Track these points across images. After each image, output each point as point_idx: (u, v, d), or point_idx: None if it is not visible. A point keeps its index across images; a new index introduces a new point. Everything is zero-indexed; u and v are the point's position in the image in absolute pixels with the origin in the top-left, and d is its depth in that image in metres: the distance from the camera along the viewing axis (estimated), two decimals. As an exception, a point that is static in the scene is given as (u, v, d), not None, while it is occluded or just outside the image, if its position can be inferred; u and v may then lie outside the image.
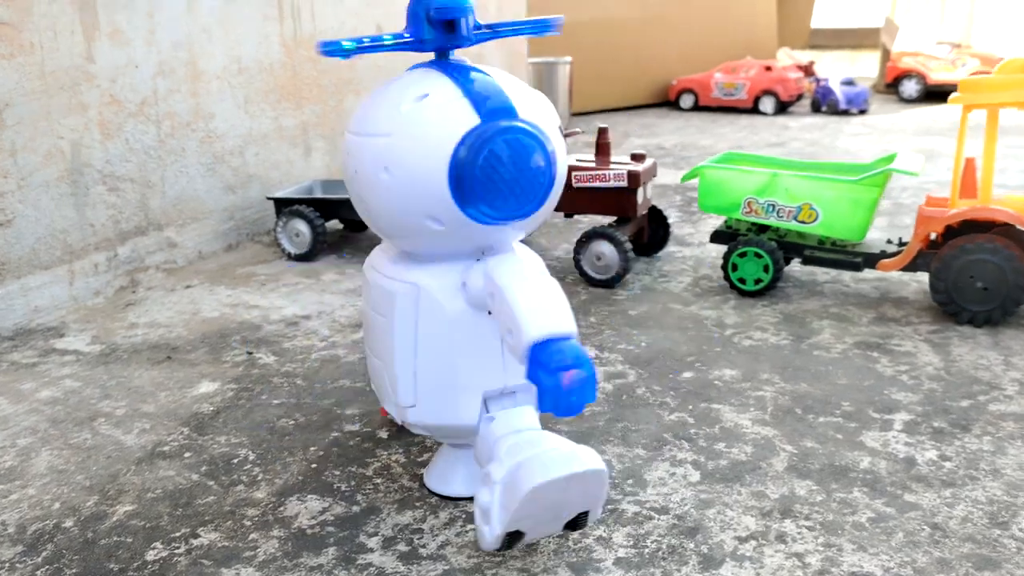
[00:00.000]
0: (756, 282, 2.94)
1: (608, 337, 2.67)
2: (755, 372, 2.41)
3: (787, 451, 1.98)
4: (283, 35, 3.93)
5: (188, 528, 1.74)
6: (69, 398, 2.33)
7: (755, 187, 2.91)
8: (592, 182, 3.16)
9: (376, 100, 1.62)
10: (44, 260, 2.87)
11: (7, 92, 2.68)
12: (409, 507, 1.79)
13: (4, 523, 1.76)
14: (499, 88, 1.55)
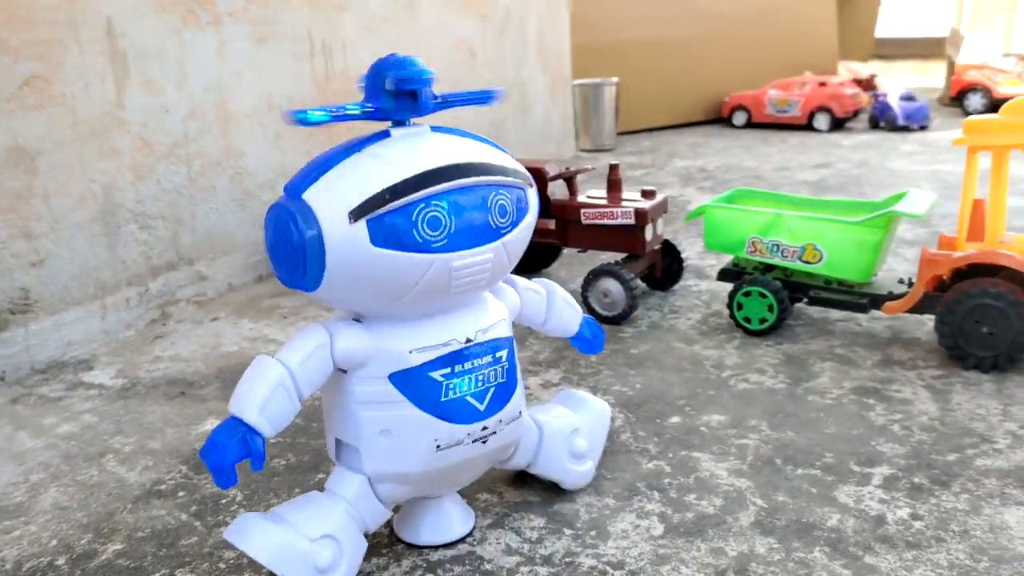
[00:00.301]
0: (761, 321, 2.93)
1: (604, 378, 2.70)
2: (744, 418, 2.41)
3: (757, 505, 1.99)
4: (314, 72, 4.07)
5: (167, 569, 1.85)
6: (85, 433, 2.48)
7: (759, 227, 2.91)
8: (601, 219, 3.19)
9: None
10: (77, 296, 3.05)
11: (39, 140, 2.86)
12: (375, 554, 1.86)
13: (3, 559, 1.90)
14: (322, 163, 1.60)
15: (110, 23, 3.06)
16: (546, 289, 2.07)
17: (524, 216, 1.73)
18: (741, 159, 6.53)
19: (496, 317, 1.81)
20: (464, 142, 1.69)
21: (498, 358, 1.78)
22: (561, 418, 2.07)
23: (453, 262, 1.59)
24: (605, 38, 7.97)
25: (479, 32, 5.46)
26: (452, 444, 1.72)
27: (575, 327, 2.16)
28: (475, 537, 1.91)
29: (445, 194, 1.57)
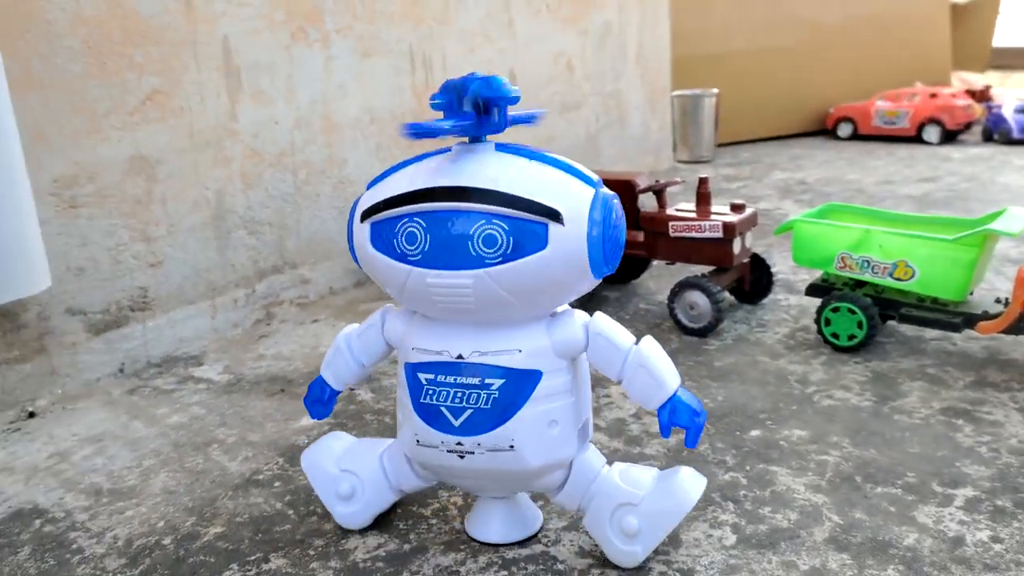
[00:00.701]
0: (849, 338, 2.90)
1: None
2: (825, 434, 2.41)
3: (832, 521, 1.99)
4: (415, 85, 4.22)
5: (262, 553, 1.98)
6: (193, 424, 2.66)
7: (849, 242, 2.88)
8: (688, 232, 3.22)
9: None
10: (190, 296, 3.26)
11: (159, 151, 3.08)
12: (454, 549, 1.96)
13: (116, 536, 2.07)
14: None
15: (226, 40, 3.27)
16: (630, 351, 1.79)
17: (527, 253, 1.63)
18: (843, 172, 6.40)
19: (509, 346, 1.76)
20: (506, 163, 1.67)
21: (487, 384, 1.76)
22: (624, 486, 1.87)
23: (427, 278, 1.66)
24: (707, 49, 7.92)
25: (578, 45, 5.54)
26: (428, 445, 1.82)
27: (652, 404, 1.83)
28: (550, 538, 1.98)
29: (425, 214, 1.64)
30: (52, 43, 2.72)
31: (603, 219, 1.66)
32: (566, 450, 1.86)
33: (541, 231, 1.62)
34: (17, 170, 2.42)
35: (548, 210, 1.62)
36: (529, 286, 1.68)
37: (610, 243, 1.69)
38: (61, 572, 1.94)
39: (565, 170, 1.69)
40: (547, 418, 1.79)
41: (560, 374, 1.81)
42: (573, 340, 1.79)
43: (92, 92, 2.85)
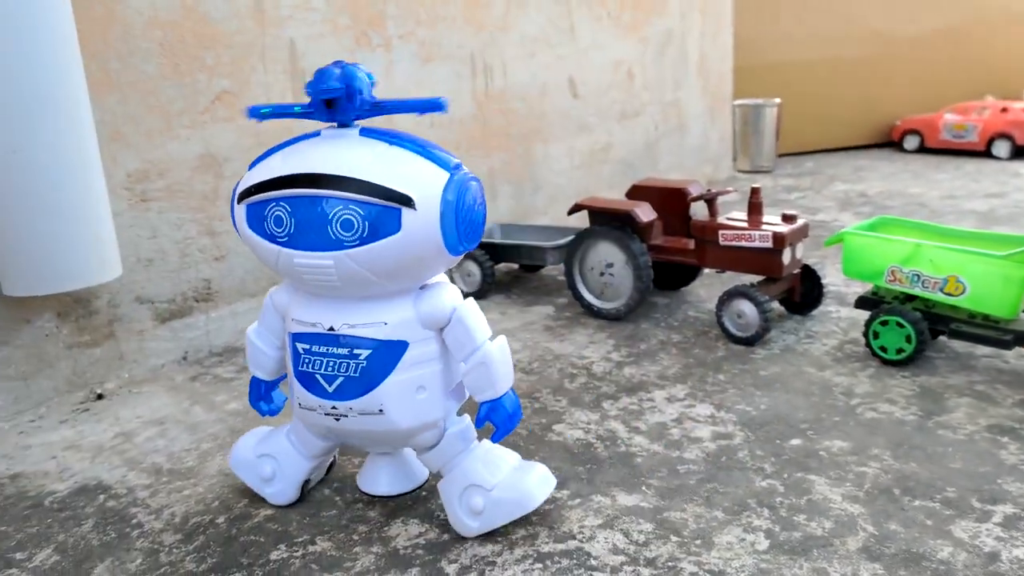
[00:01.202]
0: (898, 352, 2.89)
1: (730, 396, 2.75)
2: (867, 446, 2.41)
3: (867, 531, 2.00)
4: (475, 91, 4.30)
5: (308, 535, 2.07)
6: (249, 412, 2.77)
7: (899, 256, 2.87)
8: (738, 241, 3.24)
9: None
10: (251, 289, 3.39)
11: (227, 149, 3.21)
12: (491, 541, 2.02)
13: (174, 513, 2.19)
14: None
15: (292, 44, 3.40)
16: (480, 347, 1.95)
17: (383, 235, 1.75)
18: (906, 185, 6.30)
19: (374, 319, 1.90)
20: (365, 150, 1.78)
21: (355, 354, 1.90)
22: (482, 469, 2.04)
23: (294, 258, 1.82)
24: (770, 58, 7.87)
25: (638, 53, 5.57)
26: (308, 408, 2.02)
27: (480, 397, 1.98)
28: (584, 534, 2.03)
29: (290, 199, 1.78)
30: (129, 44, 2.87)
31: (456, 202, 1.80)
32: (434, 413, 2.01)
33: (395, 215, 1.76)
34: (94, 166, 2.56)
35: (400, 196, 1.75)
36: (387, 266, 1.83)
37: (463, 224, 1.83)
38: (122, 544, 2.06)
39: (423, 155, 1.81)
40: (415, 384, 1.95)
41: (427, 343, 1.96)
42: (438, 314, 1.95)
43: (165, 92, 2.99)
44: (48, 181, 2.44)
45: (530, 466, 2.11)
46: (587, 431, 2.56)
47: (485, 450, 2.08)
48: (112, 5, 2.81)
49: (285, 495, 2.21)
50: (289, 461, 2.19)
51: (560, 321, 3.57)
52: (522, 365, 3.09)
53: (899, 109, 8.44)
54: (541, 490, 2.06)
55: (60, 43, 2.42)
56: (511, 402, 2.00)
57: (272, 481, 2.20)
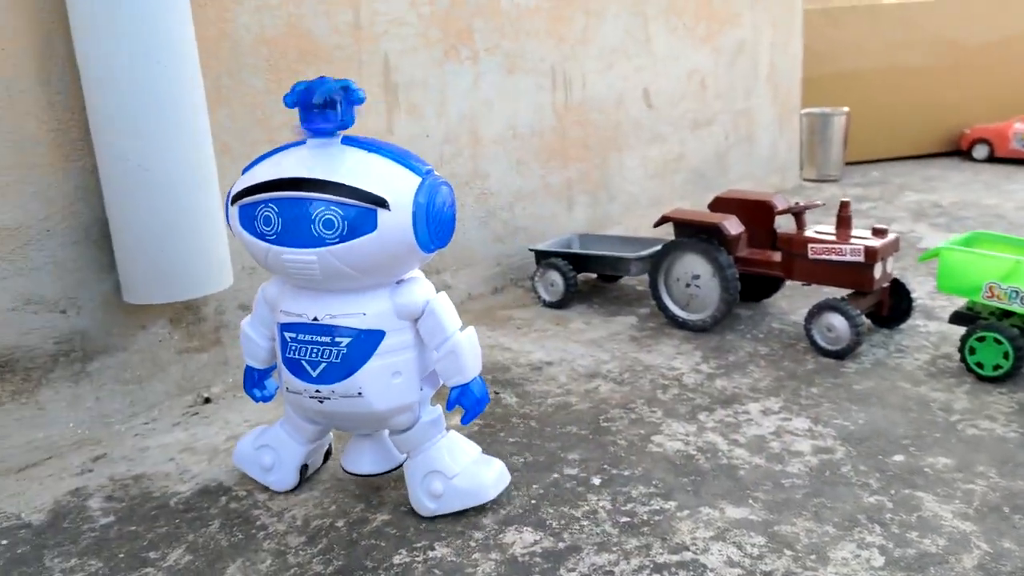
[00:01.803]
0: (995, 368, 2.88)
1: (825, 410, 2.77)
2: (971, 463, 2.41)
3: (981, 549, 2.02)
4: (555, 103, 4.36)
5: (427, 541, 2.14)
6: (352, 417, 2.85)
7: (998, 272, 2.87)
8: (828, 255, 3.25)
9: None
10: (344, 297, 3.48)
11: (326, 162, 3.31)
12: (607, 550, 2.07)
13: (294, 516, 2.27)
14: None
15: (387, 58, 3.49)
16: (451, 337, 2.15)
17: (360, 234, 1.96)
18: (980, 196, 6.22)
19: (354, 310, 2.10)
20: (345, 157, 1.99)
21: (336, 342, 2.11)
22: (447, 458, 2.24)
23: (283, 255, 2.02)
24: (839, 67, 7.82)
25: (711, 63, 5.58)
26: (295, 391, 2.21)
27: (450, 382, 2.18)
28: (699, 547, 2.07)
29: (277, 200, 1.99)
30: (239, 61, 2.98)
31: (427, 203, 1.99)
32: (409, 396, 2.20)
33: (371, 216, 1.97)
34: (211, 182, 2.67)
35: (376, 198, 1.95)
36: (365, 261, 2.04)
37: (434, 224, 2.05)
38: (250, 545, 2.15)
39: (398, 161, 2.03)
40: (391, 370, 2.15)
41: (402, 332, 2.15)
42: (412, 307, 2.14)
43: (270, 106, 3.09)
44: (173, 197, 2.55)
45: (488, 461, 2.32)
46: (686, 443, 2.60)
47: (451, 440, 2.30)
48: (223, 25, 2.91)
49: (285, 481, 2.40)
50: (286, 449, 2.38)
51: (645, 332, 3.60)
52: (613, 376, 3.13)
53: (968, 118, 8.32)
54: (496, 486, 2.28)
55: (185, 66, 2.52)
56: (479, 387, 2.20)
57: (272, 470, 2.40)
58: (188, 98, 2.56)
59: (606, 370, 3.19)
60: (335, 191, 1.95)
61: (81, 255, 2.66)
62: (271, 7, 3.04)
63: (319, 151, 2.03)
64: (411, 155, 2.06)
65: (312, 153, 2.03)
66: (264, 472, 2.41)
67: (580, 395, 2.98)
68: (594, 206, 4.78)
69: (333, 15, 3.25)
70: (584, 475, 2.43)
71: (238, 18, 2.95)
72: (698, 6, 5.35)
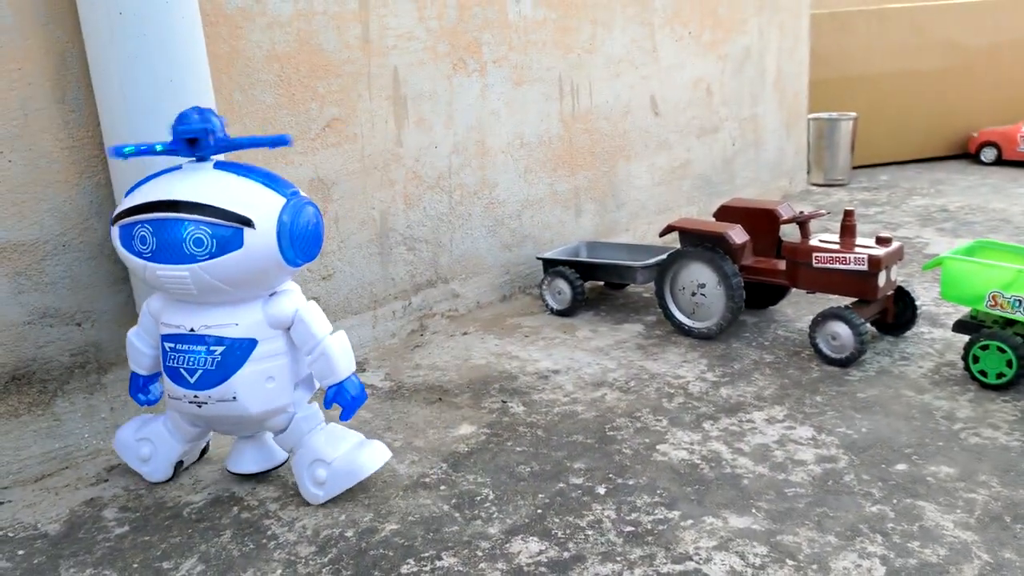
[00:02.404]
0: (998, 376, 2.90)
1: (829, 419, 2.80)
2: (974, 472, 2.44)
3: (982, 559, 2.04)
4: (562, 112, 4.40)
5: (434, 551, 2.18)
6: (362, 427, 2.90)
7: (1001, 281, 2.89)
8: (832, 263, 3.27)
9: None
10: (355, 306, 3.53)
11: (334, 173, 3.36)
12: (611, 560, 2.10)
13: (305, 526, 2.31)
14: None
15: (396, 72, 3.53)
16: (320, 341, 2.34)
17: (228, 251, 2.15)
18: (987, 200, 6.22)
19: (228, 320, 2.29)
20: (215, 180, 2.20)
21: (211, 351, 2.29)
22: (325, 445, 2.41)
23: (158, 271, 2.20)
24: (846, 72, 7.83)
25: (717, 70, 5.61)
26: (175, 397, 2.37)
27: (325, 383, 2.36)
28: (702, 556, 2.10)
29: (152, 221, 2.18)
30: (251, 77, 3.03)
31: (291, 222, 2.19)
32: (282, 399, 2.38)
33: (238, 234, 2.16)
34: (224, 193, 2.72)
35: (242, 218, 2.13)
36: (235, 276, 2.22)
37: (299, 241, 2.24)
38: (261, 555, 2.19)
39: (265, 184, 2.23)
40: (264, 375, 2.33)
41: (274, 341, 2.34)
42: (282, 317, 2.33)
43: (282, 121, 3.14)
44: (185, 210, 2.60)
45: (368, 443, 2.48)
46: (691, 452, 2.63)
47: (329, 430, 2.47)
48: (235, 43, 2.97)
49: (159, 473, 2.56)
50: (164, 444, 2.54)
51: (651, 340, 3.64)
52: (619, 384, 3.17)
53: (976, 121, 8.31)
54: (372, 461, 2.44)
55: (198, 84, 2.57)
56: (354, 385, 2.37)
57: (149, 461, 2.55)
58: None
59: (612, 378, 3.23)
60: (204, 212, 2.15)
61: (96, 269, 2.71)
62: (281, 24, 3.10)
63: (192, 175, 2.24)
64: (279, 179, 2.28)
65: (185, 177, 2.24)
66: (140, 462, 2.57)
67: (586, 404, 3.01)
68: (602, 213, 4.81)
69: (343, 30, 3.30)
70: (589, 484, 2.46)
71: (250, 35, 3.01)
72: (703, 14, 5.38)
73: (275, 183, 2.24)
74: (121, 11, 2.40)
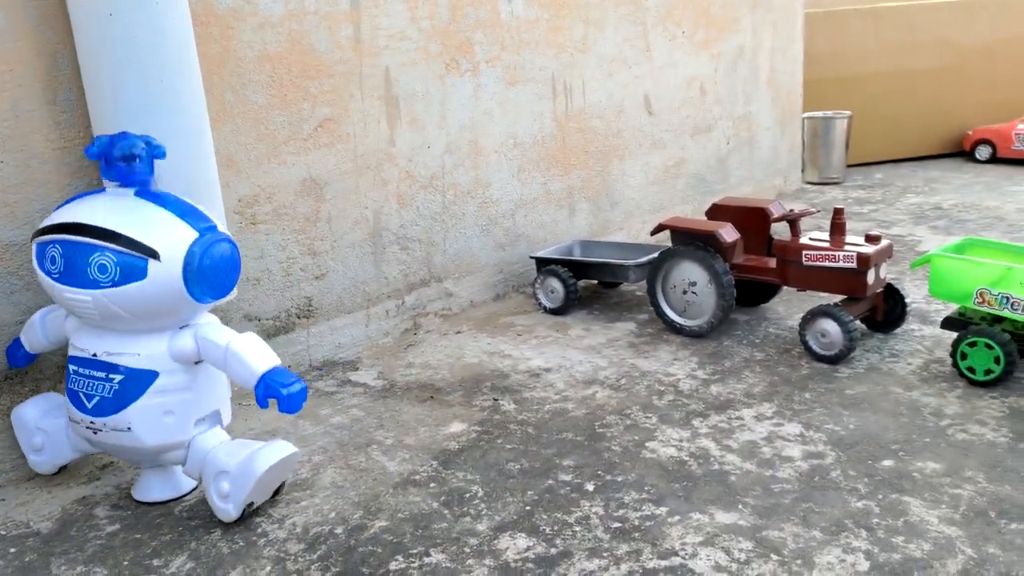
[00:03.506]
0: (986, 373, 2.92)
1: (817, 415, 2.82)
2: (960, 468, 2.46)
3: (966, 554, 2.06)
4: (555, 111, 4.42)
5: (423, 547, 2.20)
6: (353, 425, 2.92)
7: (988, 278, 2.90)
8: (822, 261, 3.29)
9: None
10: (348, 306, 3.55)
11: (327, 173, 3.37)
12: (598, 556, 2.12)
13: (294, 524, 2.33)
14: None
15: (388, 72, 3.55)
16: (226, 347, 2.26)
17: (131, 281, 2.14)
18: (981, 197, 6.24)
19: (130, 349, 2.27)
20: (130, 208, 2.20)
21: (110, 378, 2.27)
22: (223, 457, 2.31)
23: (64, 292, 2.20)
24: (840, 71, 7.85)
25: (710, 69, 5.63)
26: (73, 420, 2.36)
27: (249, 384, 2.25)
28: (687, 551, 2.12)
29: (62, 242, 2.18)
30: (242, 78, 3.04)
31: (199, 258, 2.19)
32: (180, 435, 2.33)
33: (142, 265, 2.15)
34: (215, 195, 2.73)
35: (147, 249, 2.12)
36: (136, 307, 2.21)
37: (206, 277, 2.22)
38: (250, 552, 2.21)
39: (181, 216, 2.22)
40: (162, 409, 2.29)
41: (176, 375, 2.29)
42: (185, 351, 2.28)
43: (274, 121, 3.16)
44: (176, 210, 2.61)
45: (269, 443, 2.36)
46: (680, 448, 2.65)
47: (230, 443, 2.38)
48: (226, 43, 2.98)
49: (44, 467, 2.58)
50: (58, 446, 2.52)
51: (643, 338, 3.65)
52: (610, 382, 3.19)
53: (970, 119, 8.33)
54: (268, 459, 2.30)
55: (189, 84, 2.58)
56: (280, 374, 2.24)
57: (40, 452, 2.55)
58: (191, 115, 2.62)
59: (603, 376, 3.24)
60: (110, 239, 2.14)
61: (88, 269, 2.73)
62: (273, 24, 3.11)
63: (110, 201, 2.26)
64: (197, 212, 2.27)
65: (103, 202, 2.25)
66: (31, 450, 2.56)
67: (577, 401, 3.03)
68: (596, 212, 4.83)
69: (335, 30, 3.32)
70: (578, 481, 2.48)
71: (241, 35, 3.02)
72: (697, 13, 5.40)
73: (191, 216, 2.22)
74: (111, 12, 2.41)
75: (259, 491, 2.32)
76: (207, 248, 2.20)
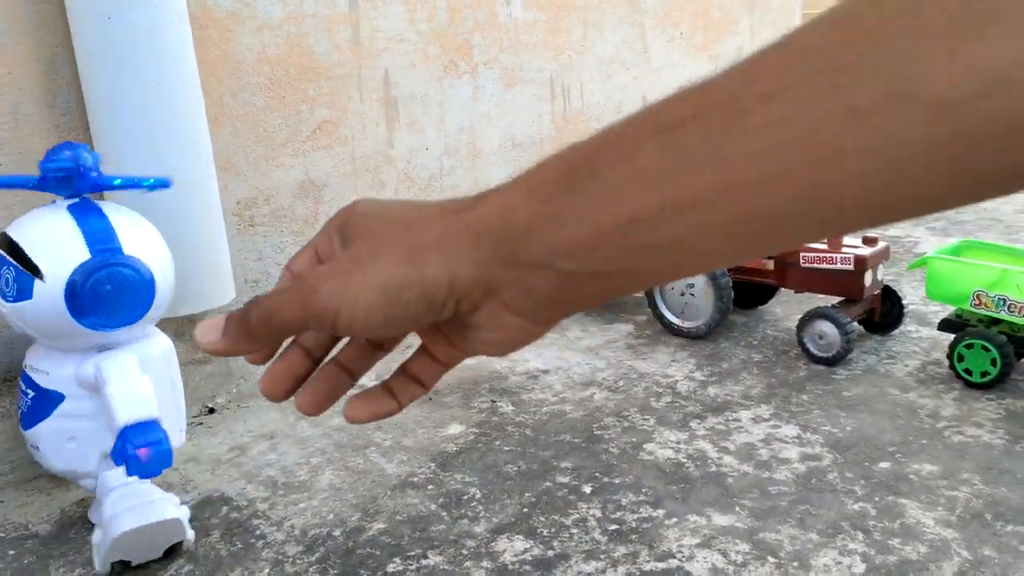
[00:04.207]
0: (983, 375, 2.93)
1: (815, 418, 2.82)
2: (956, 470, 2.46)
3: (962, 556, 2.07)
4: (554, 113, 4.43)
5: (421, 549, 2.21)
6: (352, 427, 2.92)
7: (985, 281, 2.91)
8: (819, 263, 3.30)
9: None
10: (345, 308, 3.55)
11: (325, 175, 3.38)
12: (595, 558, 2.13)
13: (293, 526, 2.34)
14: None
15: (387, 74, 3.55)
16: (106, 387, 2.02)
17: (24, 299, 2.03)
18: (980, 198, 6.24)
19: (44, 367, 2.19)
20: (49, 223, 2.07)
21: (27, 392, 2.23)
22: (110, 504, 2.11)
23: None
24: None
25: (709, 71, 5.62)
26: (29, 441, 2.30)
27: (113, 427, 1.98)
28: (684, 554, 2.13)
29: None
30: (241, 80, 3.05)
31: (83, 282, 2.01)
32: (86, 465, 2.22)
33: (30, 283, 2.03)
34: (213, 197, 2.74)
35: (31, 265, 2.03)
36: (31, 325, 2.11)
37: (91, 303, 2.02)
38: (249, 555, 2.22)
39: (87, 234, 2.04)
40: (66, 434, 2.20)
41: (81, 400, 2.17)
42: (88, 377, 2.13)
43: (272, 123, 3.17)
44: (175, 215, 2.62)
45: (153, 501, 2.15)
46: (677, 450, 2.66)
47: (127, 488, 2.17)
48: (225, 46, 2.99)
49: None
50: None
51: (641, 339, 3.66)
52: (607, 384, 3.19)
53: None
54: (131, 520, 2.07)
55: (187, 87, 2.60)
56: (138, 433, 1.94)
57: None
58: (190, 118, 2.63)
59: (601, 378, 3.25)
60: (12, 253, 2.07)
61: (87, 271, 2.73)
62: (272, 27, 3.12)
63: (41, 212, 2.16)
64: (110, 233, 2.07)
65: (38, 215, 2.15)
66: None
67: (575, 403, 3.04)
68: (593, 214, 4.83)
69: (333, 33, 3.33)
70: (576, 483, 2.49)
71: (240, 38, 3.03)
72: (695, 15, 5.41)
73: (96, 236, 2.05)
74: (109, 16, 2.42)
75: (131, 551, 2.11)
76: (92, 272, 2.00)
